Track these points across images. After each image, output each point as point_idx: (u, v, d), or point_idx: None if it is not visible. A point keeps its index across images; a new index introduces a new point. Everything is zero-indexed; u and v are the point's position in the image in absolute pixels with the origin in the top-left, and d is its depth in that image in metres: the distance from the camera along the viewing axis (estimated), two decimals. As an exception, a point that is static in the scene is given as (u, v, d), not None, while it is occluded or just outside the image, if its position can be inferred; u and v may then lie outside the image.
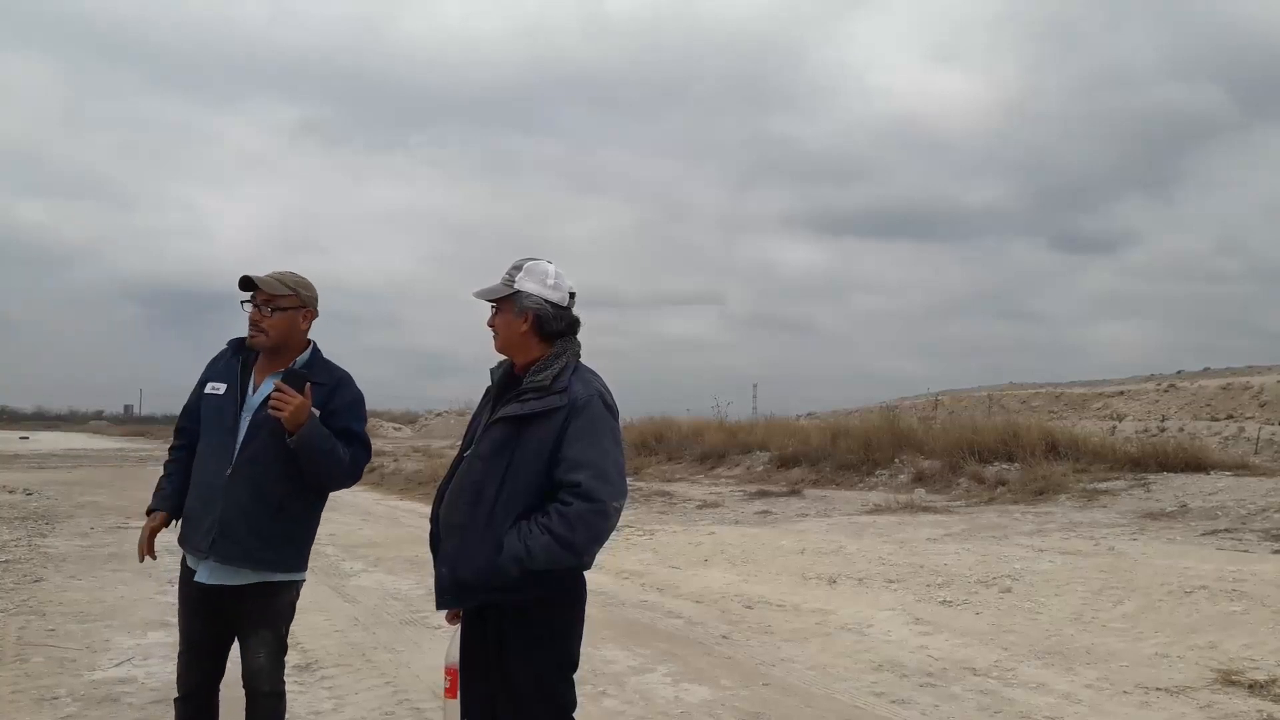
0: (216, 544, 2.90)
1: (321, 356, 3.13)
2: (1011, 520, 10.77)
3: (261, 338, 3.00)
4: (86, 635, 5.74)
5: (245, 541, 2.90)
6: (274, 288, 2.99)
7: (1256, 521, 9.64)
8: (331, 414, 2.99)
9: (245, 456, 2.93)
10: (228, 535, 2.90)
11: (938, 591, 6.99)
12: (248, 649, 2.99)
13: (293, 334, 3.04)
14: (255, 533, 2.91)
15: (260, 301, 2.99)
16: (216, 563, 2.92)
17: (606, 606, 6.59)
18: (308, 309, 3.07)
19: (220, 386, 3.03)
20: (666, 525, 11.56)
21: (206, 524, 2.92)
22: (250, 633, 2.98)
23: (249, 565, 2.93)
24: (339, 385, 3.07)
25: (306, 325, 3.08)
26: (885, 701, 4.56)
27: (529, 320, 2.57)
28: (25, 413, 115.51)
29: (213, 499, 2.93)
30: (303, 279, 3.09)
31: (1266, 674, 4.76)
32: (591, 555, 2.51)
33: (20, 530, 10.66)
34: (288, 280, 3.04)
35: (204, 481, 2.98)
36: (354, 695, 4.62)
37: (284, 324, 3.01)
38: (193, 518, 2.99)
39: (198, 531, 2.95)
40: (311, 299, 3.09)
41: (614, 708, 4.47)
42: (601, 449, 2.47)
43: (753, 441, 19.12)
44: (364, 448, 3.09)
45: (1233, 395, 32.72)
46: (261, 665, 2.97)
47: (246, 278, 3.00)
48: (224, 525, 2.90)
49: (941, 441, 15.43)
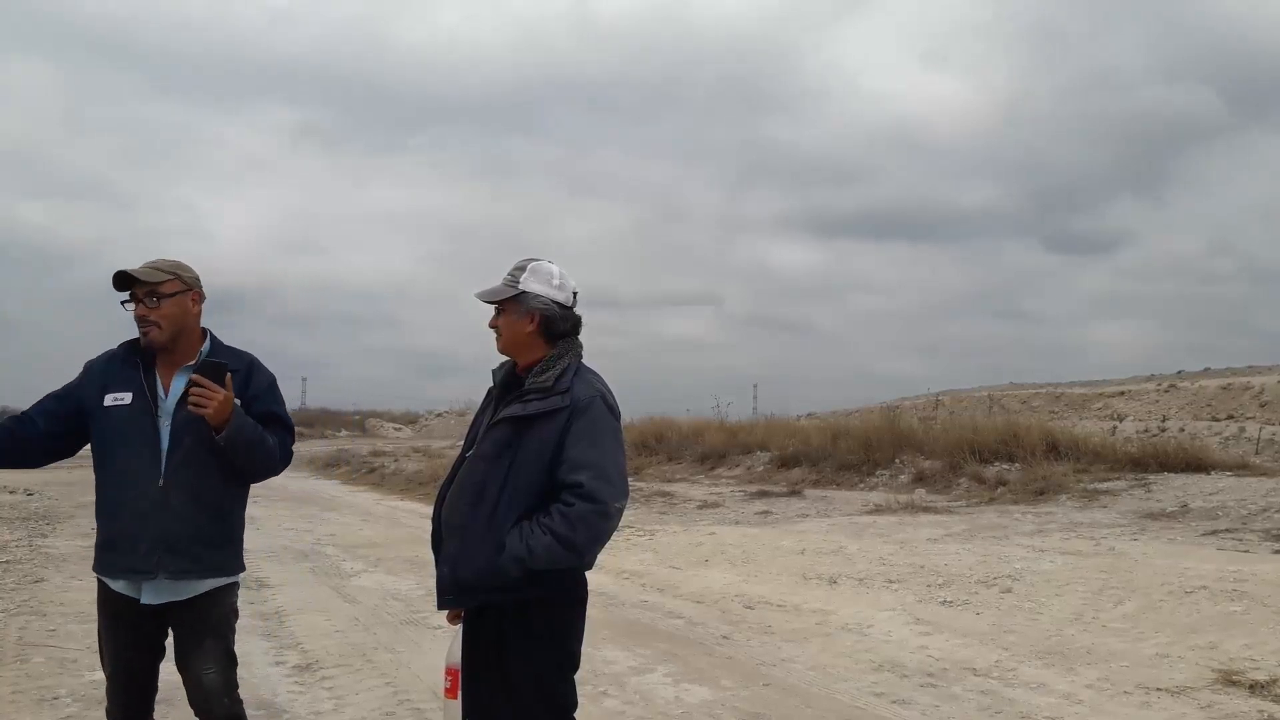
0: (164, 560, 2.70)
1: (223, 343, 2.93)
2: (1012, 520, 10.77)
3: (155, 331, 2.76)
4: (87, 635, 5.72)
5: (193, 550, 2.74)
6: (153, 276, 2.76)
7: (1257, 522, 9.64)
8: (251, 400, 2.84)
9: (175, 462, 2.73)
10: (174, 548, 2.71)
11: (938, 592, 6.99)
12: (195, 666, 2.78)
13: (186, 321, 2.82)
14: (201, 539, 2.76)
15: (143, 295, 2.75)
16: (167, 579, 2.73)
17: (607, 607, 6.59)
18: (194, 290, 2.84)
19: (124, 396, 2.76)
20: (667, 525, 11.56)
21: (146, 543, 2.70)
22: (197, 647, 2.78)
23: (200, 574, 2.77)
24: (252, 369, 2.90)
25: (198, 309, 2.86)
26: (886, 702, 4.56)
27: (536, 321, 2.56)
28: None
29: (146, 515, 2.71)
30: (178, 262, 2.85)
31: (1267, 674, 4.76)
32: (593, 556, 2.51)
33: (21, 530, 10.67)
34: (164, 266, 2.80)
35: (131, 499, 2.73)
36: (354, 695, 4.62)
37: (175, 311, 2.77)
38: (123, 541, 2.74)
39: (134, 553, 2.71)
40: (194, 279, 2.86)
41: (614, 708, 4.47)
42: (603, 450, 2.47)
43: (753, 442, 19.10)
44: (288, 430, 2.96)
45: (1233, 395, 32.73)
46: (214, 682, 2.77)
47: (121, 273, 2.77)
48: (169, 539, 2.70)
49: (942, 442, 15.42)
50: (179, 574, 2.74)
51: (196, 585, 2.78)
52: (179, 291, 2.80)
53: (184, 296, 2.81)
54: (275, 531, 11.11)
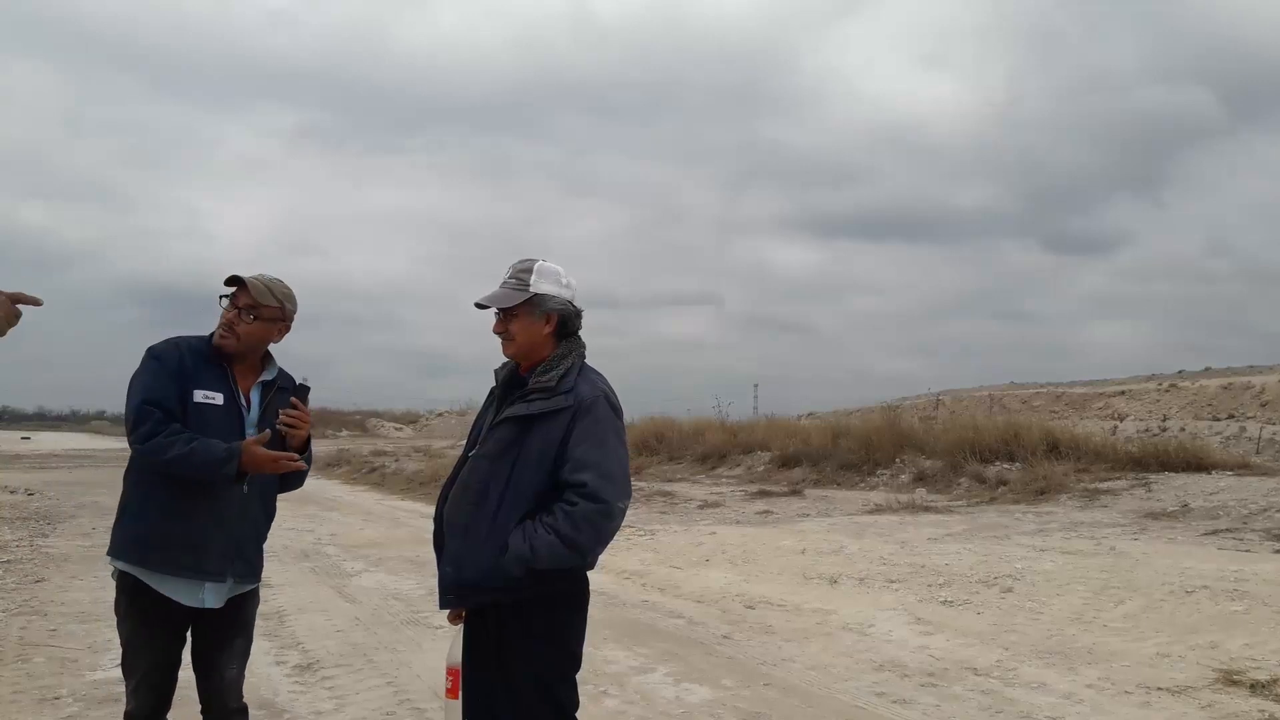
0: (235, 565, 2.82)
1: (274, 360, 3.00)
2: (1013, 520, 10.76)
3: (231, 341, 2.83)
4: (88, 635, 5.75)
5: (253, 556, 2.91)
6: (262, 295, 2.82)
7: (1258, 521, 9.63)
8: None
9: (260, 474, 2.82)
10: (243, 554, 2.85)
11: (939, 591, 6.99)
12: (219, 663, 2.88)
13: (262, 345, 2.90)
14: (258, 545, 2.94)
15: (243, 305, 2.82)
16: (234, 582, 2.83)
17: (607, 606, 6.59)
18: (285, 323, 2.92)
19: (216, 396, 2.81)
20: (667, 525, 11.56)
21: (220, 546, 2.78)
22: (227, 645, 2.88)
23: (255, 578, 2.93)
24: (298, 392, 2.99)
25: (278, 340, 2.94)
26: (886, 701, 4.56)
27: (553, 322, 2.55)
28: (26, 413, 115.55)
29: (225, 518, 2.79)
30: (290, 292, 2.92)
31: (1268, 674, 4.75)
32: (596, 555, 2.51)
33: (22, 530, 10.67)
34: (277, 290, 2.87)
35: (212, 503, 2.77)
36: (355, 695, 4.62)
37: (258, 333, 2.85)
38: (197, 542, 2.75)
39: (208, 557, 2.76)
40: (292, 313, 2.93)
41: (615, 708, 4.47)
42: (607, 449, 2.47)
43: (753, 441, 19.10)
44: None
45: (1234, 395, 32.71)
46: (233, 678, 2.90)
47: (236, 277, 2.85)
48: (240, 544, 2.83)
49: (942, 441, 15.42)
50: (243, 577, 2.88)
51: (241, 588, 2.91)
52: (273, 319, 2.87)
53: (273, 325, 2.89)
54: (276, 531, 10.96)
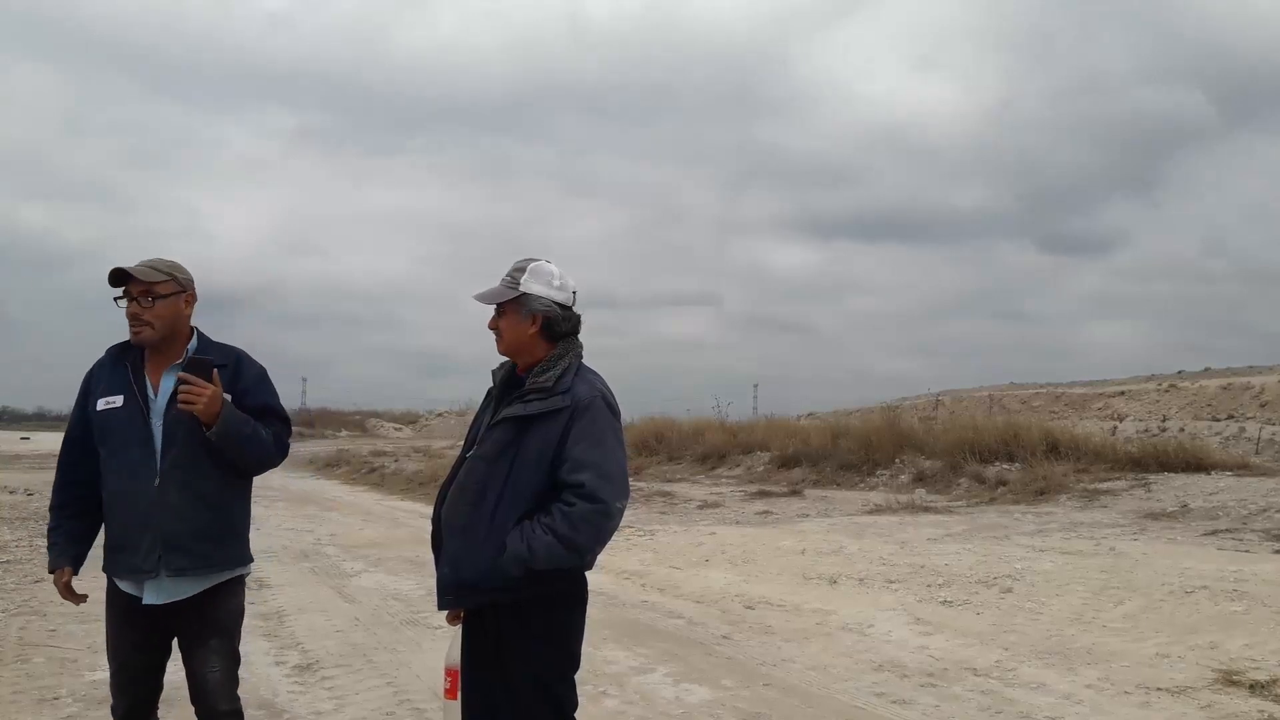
0: (165, 559, 2.72)
1: (210, 340, 2.93)
2: (1012, 520, 10.77)
3: (147, 331, 2.77)
4: (88, 635, 5.74)
5: (194, 547, 2.75)
6: (149, 275, 2.77)
7: (1257, 521, 9.64)
8: (242, 394, 2.84)
9: (170, 462, 2.74)
10: (175, 547, 2.73)
11: (938, 592, 6.99)
12: (198, 663, 2.81)
13: (178, 322, 2.83)
14: (200, 535, 2.76)
15: (138, 293, 2.76)
16: (169, 578, 2.74)
17: (607, 607, 6.59)
18: (188, 292, 2.86)
19: (116, 399, 2.78)
20: (667, 525, 11.56)
21: (146, 542, 2.72)
22: (201, 645, 2.80)
23: (201, 570, 2.78)
24: (240, 362, 2.90)
25: (189, 311, 2.88)
26: (886, 702, 4.56)
27: (538, 323, 2.55)
28: (26, 413, 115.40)
29: (146, 515, 2.73)
30: (175, 263, 2.86)
31: (1267, 674, 4.76)
32: (594, 556, 2.51)
33: (21, 530, 10.67)
34: (161, 266, 2.81)
35: (129, 500, 2.75)
36: (355, 695, 4.62)
37: (168, 312, 2.79)
38: (125, 542, 2.76)
39: (136, 554, 2.74)
40: (189, 281, 2.87)
41: (615, 708, 4.47)
42: (605, 450, 2.47)
43: (753, 442, 19.11)
44: (283, 421, 2.96)
45: (1233, 395, 32.71)
46: (217, 680, 2.80)
47: (118, 270, 2.77)
48: (167, 538, 2.72)
49: (942, 442, 15.43)
50: (179, 572, 2.74)
51: (199, 582, 2.79)
52: (174, 293, 2.80)
53: (178, 298, 2.82)
54: (275, 531, 11.11)
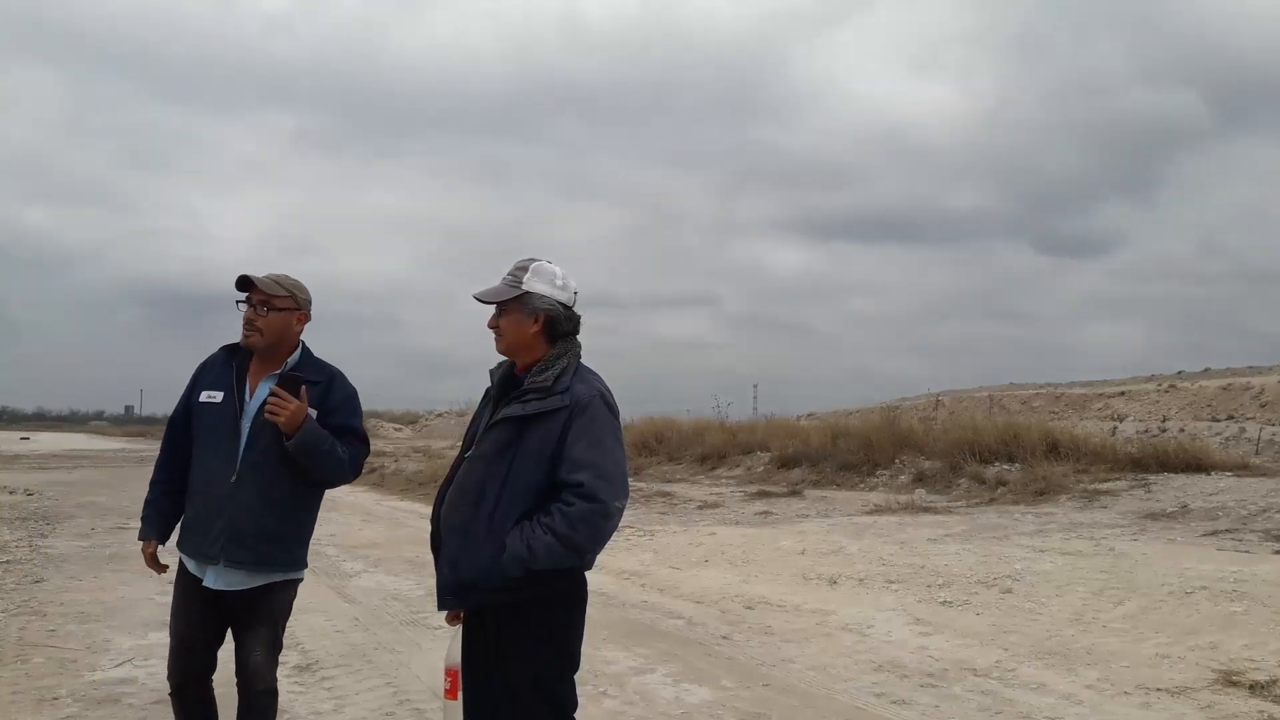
0: (227, 549, 2.95)
1: (312, 355, 3.17)
2: (1012, 521, 10.76)
3: (256, 337, 3.04)
4: (87, 635, 5.75)
5: (255, 545, 2.97)
6: (271, 288, 3.04)
7: (1257, 522, 9.63)
8: (328, 412, 3.05)
9: (249, 462, 2.98)
10: (237, 540, 2.95)
11: (938, 592, 6.99)
12: (244, 646, 3.03)
13: (285, 335, 3.08)
14: (263, 535, 2.98)
15: (256, 301, 3.03)
16: (227, 567, 2.97)
17: (607, 607, 6.59)
18: (301, 311, 3.12)
19: (216, 395, 3.06)
20: (667, 526, 11.56)
21: (215, 530, 2.97)
22: (249, 631, 3.03)
23: (260, 567, 2.99)
24: (332, 383, 3.12)
25: (299, 328, 3.13)
26: (886, 702, 4.56)
27: (540, 322, 2.56)
28: (26, 413, 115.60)
29: (220, 505, 2.97)
30: (298, 282, 3.14)
31: (1267, 674, 4.76)
32: (593, 555, 2.51)
33: (21, 531, 10.67)
34: (284, 282, 3.09)
35: (208, 489, 3.01)
36: (355, 696, 4.62)
37: (278, 324, 3.05)
38: (198, 525, 3.03)
39: (205, 538, 2.99)
40: (306, 302, 3.14)
41: (614, 708, 4.47)
42: (604, 449, 2.47)
43: (753, 442, 19.09)
44: (362, 442, 3.15)
45: (1233, 396, 32.72)
46: (259, 662, 3.01)
47: (244, 277, 3.05)
48: (233, 530, 2.95)
49: (942, 442, 15.41)
50: (237, 564, 2.97)
51: (255, 578, 3.00)
52: (288, 309, 3.07)
53: (291, 314, 3.08)
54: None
